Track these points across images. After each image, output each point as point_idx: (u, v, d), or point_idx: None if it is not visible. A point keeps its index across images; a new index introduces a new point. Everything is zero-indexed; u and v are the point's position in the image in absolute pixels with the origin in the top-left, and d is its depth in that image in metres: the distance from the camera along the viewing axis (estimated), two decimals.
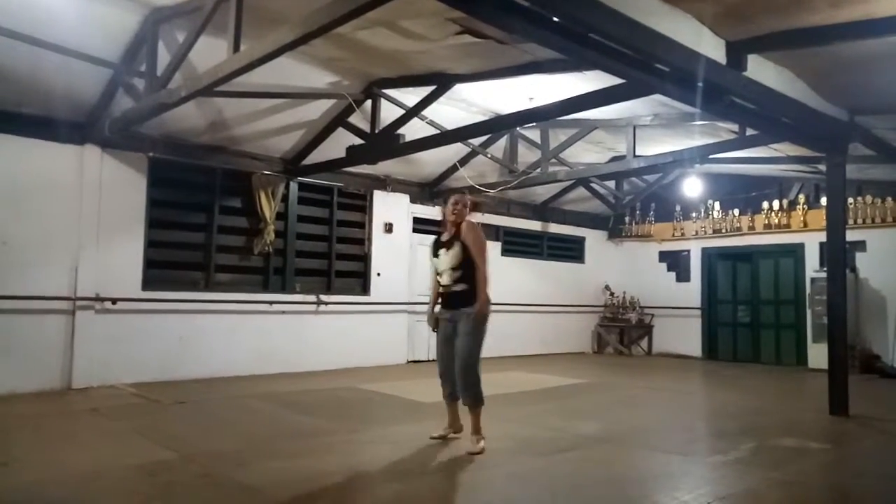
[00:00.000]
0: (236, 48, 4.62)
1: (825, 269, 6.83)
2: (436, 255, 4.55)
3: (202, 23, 5.00)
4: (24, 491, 3.47)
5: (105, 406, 5.88)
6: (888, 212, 9.81)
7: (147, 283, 7.42)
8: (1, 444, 4.45)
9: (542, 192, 11.65)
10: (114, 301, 7.08)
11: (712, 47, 4.43)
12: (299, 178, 8.79)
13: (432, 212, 10.45)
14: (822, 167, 7.50)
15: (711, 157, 8.24)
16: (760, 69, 4.85)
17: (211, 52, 5.19)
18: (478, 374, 4.39)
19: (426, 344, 10.21)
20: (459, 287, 4.37)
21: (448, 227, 4.55)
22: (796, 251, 10.84)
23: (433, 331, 4.62)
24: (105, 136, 6.87)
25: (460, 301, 4.37)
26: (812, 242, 10.45)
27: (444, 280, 4.43)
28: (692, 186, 11.64)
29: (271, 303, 8.40)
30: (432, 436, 4.63)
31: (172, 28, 5.79)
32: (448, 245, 4.45)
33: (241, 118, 7.60)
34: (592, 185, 11.51)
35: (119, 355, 7.10)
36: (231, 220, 8.25)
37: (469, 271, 4.36)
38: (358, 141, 7.66)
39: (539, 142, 9.21)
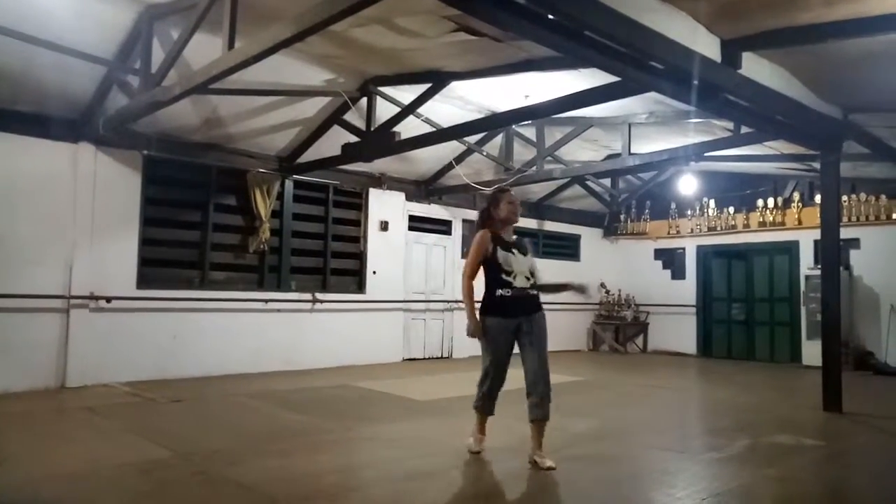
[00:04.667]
0: (231, 45, 4.60)
1: (819, 266, 6.86)
2: (510, 252, 4.20)
3: (197, 20, 4.99)
4: (17, 489, 3.45)
5: (100, 404, 5.86)
6: (882, 209, 9.85)
7: (142, 282, 7.41)
8: None
9: (538, 190, 11.66)
10: (108, 299, 7.06)
11: (707, 45, 4.45)
12: (294, 176, 8.77)
13: (428, 209, 10.46)
14: (817, 165, 7.53)
15: (706, 154, 8.26)
16: (755, 67, 4.87)
17: (205, 50, 5.18)
18: None
19: (421, 342, 10.23)
20: (535, 292, 4.23)
21: (505, 227, 4.29)
22: (791, 249, 10.88)
23: (480, 339, 4.19)
24: (99, 134, 6.84)
25: (537, 306, 4.23)
26: (806, 240, 10.49)
27: (519, 282, 4.15)
28: (687, 184, 11.65)
29: (266, 301, 8.39)
30: (473, 450, 4.27)
31: (167, 25, 5.76)
32: (520, 249, 4.25)
33: (236, 116, 7.58)
34: (588, 182, 11.54)
35: (114, 354, 7.08)
36: (226, 217, 8.22)
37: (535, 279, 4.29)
38: (353, 139, 7.64)
39: (535, 139, 9.20)
